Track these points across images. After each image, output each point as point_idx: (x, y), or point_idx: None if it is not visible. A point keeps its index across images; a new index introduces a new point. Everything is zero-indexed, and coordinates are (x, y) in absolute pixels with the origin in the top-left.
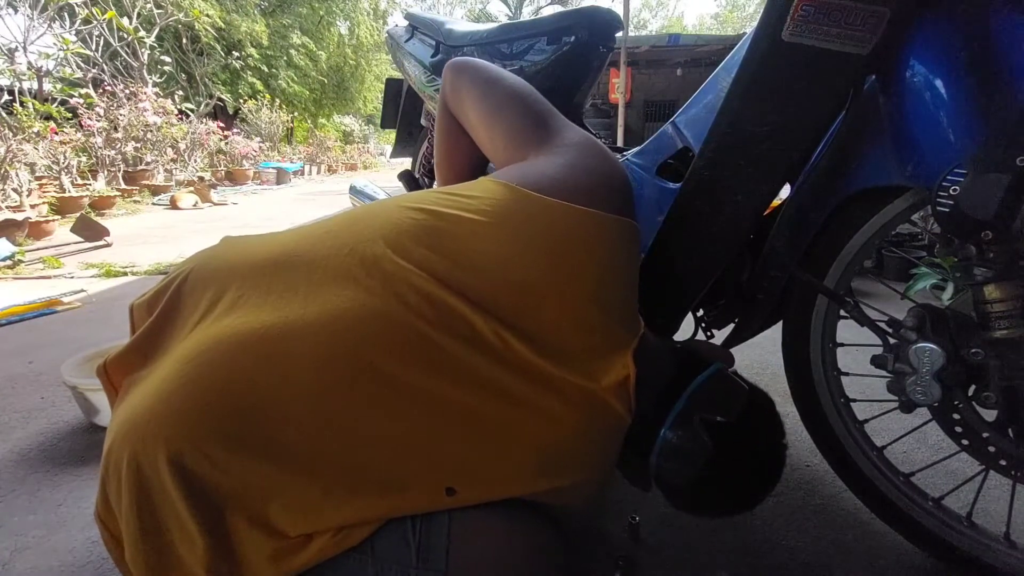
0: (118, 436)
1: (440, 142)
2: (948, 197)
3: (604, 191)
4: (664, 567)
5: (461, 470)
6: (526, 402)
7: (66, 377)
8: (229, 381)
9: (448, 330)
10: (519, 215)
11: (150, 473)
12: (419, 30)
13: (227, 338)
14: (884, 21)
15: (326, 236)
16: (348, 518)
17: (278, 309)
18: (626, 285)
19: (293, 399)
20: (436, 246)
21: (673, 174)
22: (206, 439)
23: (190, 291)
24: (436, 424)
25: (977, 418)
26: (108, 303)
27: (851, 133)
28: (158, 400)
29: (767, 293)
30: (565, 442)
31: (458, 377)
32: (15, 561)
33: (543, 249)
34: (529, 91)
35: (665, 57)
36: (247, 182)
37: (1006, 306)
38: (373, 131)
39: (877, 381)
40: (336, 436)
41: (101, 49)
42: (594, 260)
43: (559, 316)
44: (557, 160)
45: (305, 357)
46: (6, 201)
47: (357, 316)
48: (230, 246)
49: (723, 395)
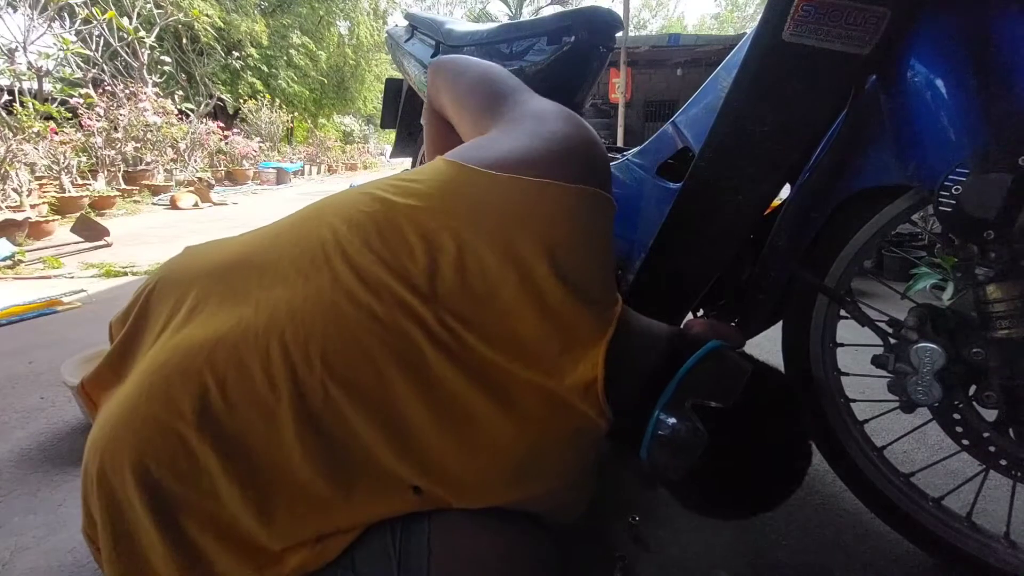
0: (89, 450)
1: (428, 142)
2: (950, 197)
3: (563, 158)
4: (664, 567)
5: (423, 469)
6: (481, 408)
7: (66, 377)
8: (185, 391)
9: (399, 327)
10: (467, 195)
11: (116, 484)
12: (419, 30)
13: (183, 349)
14: (885, 21)
15: (279, 235)
16: (321, 527)
17: (230, 315)
18: (594, 261)
19: (247, 406)
20: (386, 237)
21: (673, 174)
22: (166, 449)
23: (155, 303)
24: (389, 423)
25: (978, 418)
26: (108, 303)
27: (852, 133)
28: (121, 414)
29: (767, 293)
30: (529, 447)
31: (409, 377)
32: (15, 561)
33: (496, 228)
34: (496, 73)
35: (665, 57)
36: (247, 182)
37: (1007, 306)
38: (373, 131)
39: (877, 381)
40: (293, 441)
41: (101, 49)
42: (553, 236)
43: (518, 297)
44: (512, 131)
45: (257, 362)
46: (6, 201)
47: (306, 316)
48: (190, 254)
49: (720, 377)
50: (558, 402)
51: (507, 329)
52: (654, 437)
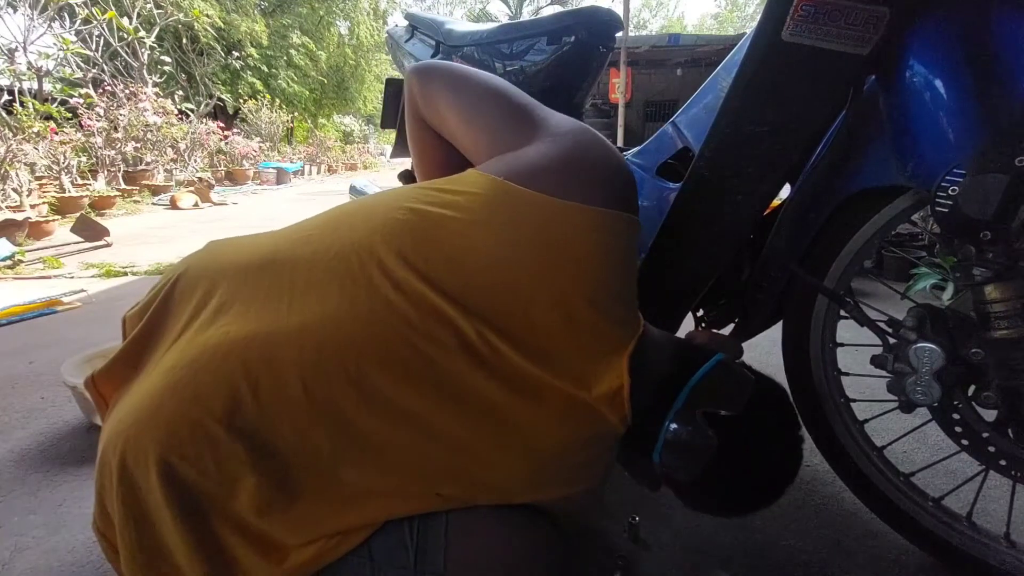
0: (108, 446)
1: (413, 149)
2: (947, 197)
3: (599, 183)
4: (664, 567)
5: (449, 478)
6: (513, 413)
7: (66, 377)
8: (216, 390)
9: (434, 336)
10: (506, 212)
11: (140, 481)
12: (419, 30)
13: (212, 347)
14: (884, 21)
15: (310, 238)
16: (342, 524)
17: (262, 316)
18: (622, 282)
19: (279, 408)
20: (422, 248)
21: (673, 174)
22: (194, 447)
23: (177, 299)
24: (421, 433)
25: (977, 418)
26: (108, 303)
27: (851, 133)
28: (146, 409)
29: (767, 293)
30: (555, 454)
31: (442, 386)
32: (15, 561)
33: (532, 248)
34: (505, 85)
35: (665, 57)
36: (247, 182)
37: (1006, 306)
38: (373, 131)
39: (877, 381)
40: (323, 444)
41: (101, 49)
42: (587, 258)
43: (550, 317)
44: (547, 150)
45: (291, 365)
46: (6, 201)
47: (342, 323)
48: (215, 250)
49: (727, 387)
50: (588, 412)
51: (537, 343)
52: (667, 443)
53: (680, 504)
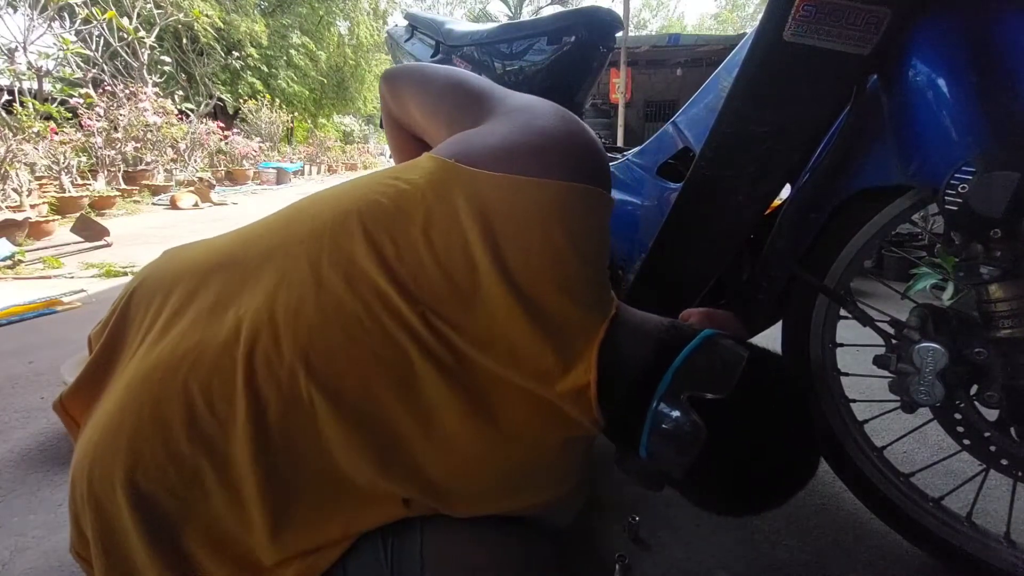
0: (76, 469)
1: (393, 150)
2: (956, 195)
3: (558, 155)
4: (664, 567)
5: (411, 482)
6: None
7: (66, 377)
8: (171, 404)
9: (385, 334)
10: (457, 195)
11: (107, 503)
12: (419, 30)
13: (166, 359)
14: (886, 21)
15: (260, 238)
16: (314, 539)
17: (211, 322)
18: (589, 261)
19: (232, 420)
20: (373, 241)
21: (673, 174)
22: (156, 463)
23: (134, 312)
24: (373, 433)
25: (979, 417)
26: (108, 303)
27: (852, 133)
28: (108, 429)
29: (767, 293)
30: (518, 460)
31: (395, 385)
32: (15, 561)
33: (485, 231)
34: (465, 75)
35: (665, 57)
36: (247, 182)
37: (1010, 305)
38: (373, 131)
39: (877, 381)
40: (280, 453)
41: (101, 49)
42: (547, 237)
43: (505, 304)
44: (500, 127)
45: (242, 370)
46: (6, 201)
47: (290, 322)
48: (171, 257)
49: (714, 367)
50: (549, 411)
51: (497, 333)
52: (651, 433)
53: (680, 504)
